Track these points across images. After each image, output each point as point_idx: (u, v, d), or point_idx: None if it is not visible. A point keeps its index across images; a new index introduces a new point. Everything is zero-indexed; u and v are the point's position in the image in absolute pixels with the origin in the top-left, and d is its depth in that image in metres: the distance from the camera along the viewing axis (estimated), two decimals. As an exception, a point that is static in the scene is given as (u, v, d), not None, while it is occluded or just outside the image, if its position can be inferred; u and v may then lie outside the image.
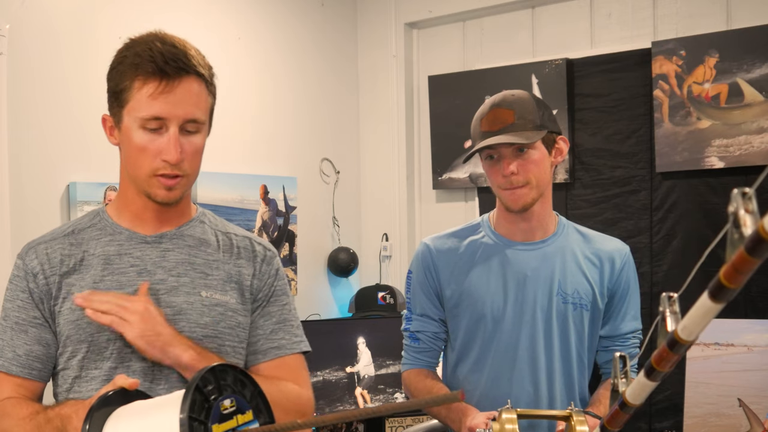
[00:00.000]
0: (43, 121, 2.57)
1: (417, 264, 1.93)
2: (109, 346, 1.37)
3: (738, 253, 0.63)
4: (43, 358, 1.40)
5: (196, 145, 1.37)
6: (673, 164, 2.94)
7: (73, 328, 1.38)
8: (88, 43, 2.70)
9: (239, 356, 1.46)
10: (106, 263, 1.41)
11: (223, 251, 1.48)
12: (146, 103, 1.32)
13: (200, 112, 1.36)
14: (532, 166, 1.76)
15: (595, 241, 1.89)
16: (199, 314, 1.40)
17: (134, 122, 1.34)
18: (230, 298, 1.44)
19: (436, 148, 3.58)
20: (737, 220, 0.63)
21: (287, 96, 3.48)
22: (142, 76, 1.32)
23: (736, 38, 2.80)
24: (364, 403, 3.22)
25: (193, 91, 1.34)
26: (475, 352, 1.86)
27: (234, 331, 1.44)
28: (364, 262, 3.76)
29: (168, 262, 1.43)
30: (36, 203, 2.54)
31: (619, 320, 1.87)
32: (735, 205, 0.63)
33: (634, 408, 0.94)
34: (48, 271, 1.40)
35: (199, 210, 1.53)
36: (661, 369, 0.83)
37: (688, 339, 0.77)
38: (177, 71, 1.32)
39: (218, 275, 1.45)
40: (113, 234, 1.44)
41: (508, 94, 1.81)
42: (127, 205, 1.45)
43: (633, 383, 0.92)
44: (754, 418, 2.52)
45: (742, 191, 0.63)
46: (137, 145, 1.34)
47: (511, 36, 3.45)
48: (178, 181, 1.37)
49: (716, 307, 0.71)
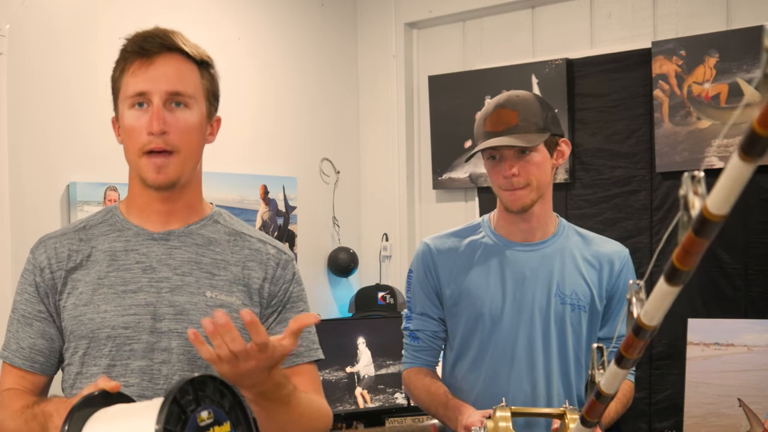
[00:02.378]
0: (43, 121, 2.57)
1: (417, 263, 1.93)
2: (107, 344, 1.36)
3: (687, 235, 0.64)
4: (46, 352, 1.41)
5: (186, 120, 1.36)
6: (673, 164, 2.94)
7: (76, 324, 1.38)
8: (89, 43, 2.70)
9: None
10: (112, 259, 1.41)
11: (232, 252, 1.45)
12: (130, 83, 1.34)
13: (184, 86, 1.35)
14: (534, 168, 1.76)
15: (595, 243, 1.90)
16: (202, 314, 1.38)
17: (124, 105, 1.36)
18: (236, 300, 1.41)
19: (436, 148, 3.58)
20: (686, 203, 0.64)
21: (287, 96, 3.49)
22: (127, 59, 1.35)
23: (736, 38, 2.80)
24: (364, 403, 3.22)
25: (175, 66, 1.35)
26: (474, 351, 1.86)
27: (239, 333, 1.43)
28: (364, 262, 3.76)
29: (174, 260, 1.41)
30: (36, 203, 2.55)
31: (617, 322, 1.88)
32: (684, 189, 0.64)
33: (609, 398, 0.95)
34: (55, 266, 1.41)
35: (214, 209, 1.51)
36: (629, 356, 0.85)
37: (650, 324, 0.78)
38: (158, 47, 1.34)
39: (225, 276, 1.43)
40: (122, 230, 1.43)
41: (513, 95, 1.81)
42: (134, 201, 1.44)
43: (606, 373, 0.93)
44: (754, 418, 2.52)
45: (692, 174, 0.64)
46: (127, 126, 1.36)
47: (511, 36, 3.45)
48: (166, 158, 1.34)
49: (673, 290, 0.72)
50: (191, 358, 1.37)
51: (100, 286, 1.39)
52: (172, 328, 1.37)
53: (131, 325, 1.37)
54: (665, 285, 0.72)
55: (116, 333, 1.36)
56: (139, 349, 1.36)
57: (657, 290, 0.74)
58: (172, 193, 1.40)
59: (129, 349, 1.36)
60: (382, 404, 3.23)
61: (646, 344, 0.82)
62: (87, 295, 1.38)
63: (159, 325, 1.37)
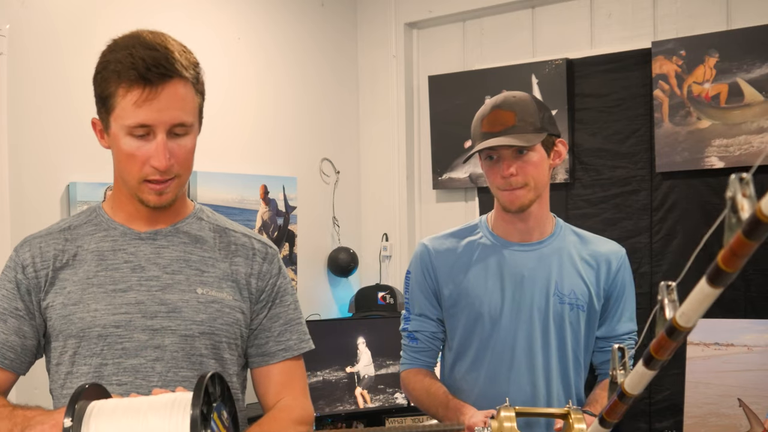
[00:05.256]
0: (43, 121, 2.57)
1: (415, 264, 1.94)
2: (99, 343, 1.37)
3: (736, 236, 0.65)
4: (17, 349, 1.40)
5: (186, 147, 1.36)
6: (673, 164, 2.94)
7: (65, 323, 1.38)
8: (88, 42, 2.69)
9: (235, 352, 1.46)
10: (100, 259, 1.41)
11: (219, 249, 1.47)
12: (131, 111, 1.30)
13: (187, 115, 1.34)
14: (531, 168, 1.77)
15: (592, 242, 1.90)
16: (194, 311, 1.39)
17: (121, 129, 1.33)
18: (227, 295, 1.43)
19: (436, 148, 3.58)
20: (735, 204, 0.65)
21: (287, 96, 3.49)
22: (125, 83, 1.29)
23: (736, 38, 2.80)
24: (364, 403, 3.22)
25: (179, 95, 1.32)
26: (473, 351, 1.86)
27: (231, 328, 1.43)
28: (364, 262, 3.76)
29: (162, 258, 1.42)
30: (36, 203, 2.55)
31: (615, 321, 1.88)
32: (732, 190, 0.65)
33: (632, 398, 0.95)
34: (39, 265, 1.41)
35: (196, 206, 1.52)
36: (659, 357, 0.84)
37: (686, 325, 0.78)
38: (160, 77, 1.29)
39: (214, 273, 1.44)
40: (108, 230, 1.44)
41: (509, 96, 1.82)
42: (121, 206, 1.45)
43: (632, 373, 0.93)
44: (754, 418, 2.52)
45: (740, 176, 0.65)
46: (125, 152, 1.34)
47: (511, 36, 3.45)
48: (168, 184, 1.36)
49: (714, 292, 0.72)
50: (185, 355, 1.38)
51: (89, 286, 1.39)
52: (165, 325, 1.38)
53: (122, 323, 1.37)
54: (707, 286, 0.72)
55: (107, 332, 1.36)
56: (131, 348, 1.36)
57: (697, 291, 0.74)
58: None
59: (121, 348, 1.36)
60: (382, 404, 3.24)
61: (678, 346, 0.82)
62: (76, 294, 1.38)
63: (151, 323, 1.37)
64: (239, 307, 1.45)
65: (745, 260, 0.67)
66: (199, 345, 1.39)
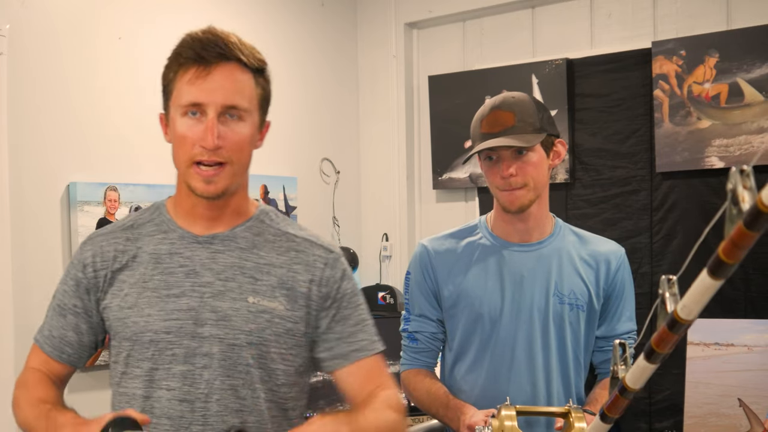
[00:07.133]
0: (43, 121, 2.57)
1: (415, 265, 1.94)
2: (150, 348, 1.36)
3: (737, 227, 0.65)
4: (75, 345, 1.44)
5: (240, 133, 1.34)
6: (673, 164, 2.94)
7: (120, 326, 1.39)
8: (88, 43, 2.70)
9: (287, 363, 1.42)
10: (156, 262, 1.40)
11: (278, 254, 1.43)
12: (185, 90, 1.31)
13: (241, 99, 1.33)
14: (531, 169, 1.77)
15: (591, 242, 1.90)
16: (244, 321, 1.37)
17: (177, 111, 1.33)
18: (278, 305, 1.39)
19: (436, 148, 3.58)
20: (736, 196, 0.65)
21: (287, 96, 3.48)
22: (183, 65, 1.31)
23: (736, 38, 2.80)
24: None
25: (233, 77, 1.32)
26: (473, 351, 1.86)
27: (281, 339, 1.39)
28: (364, 262, 3.76)
29: (217, 264, 1.39)
30: (36, 203, 2.55)
31: (614, 321, 1.88)
32: (733, 182, 0.65)
33: (633, 393, 0.95)
34: (99, 264, 1.41)
35: (260, 208, 1.48)
36: (660, 350, 0.85)
37: (687, 318, 0.78)
38: (215, 57, 1.30)
39: (268, 280, 1.40)
40: (167, 232, 1.43)
41: (509, 96, 1.82)
42: (180, 203, 1.43)
43: (633, 367, 0.93)
44: (754, 418, 2.52)
45: (740, 168, 0.65)
46: (179, 133, 1.33)
47: (511, 36, 3.45)
48: (217, 171, 1.32)
49: (715, 283, 0.72)
50: (232, 364, 1.36)
51: (144, 289, 1.38)
52: (213, 333, 1.36)
53: (173, 329, 1.36)
54: (708, 278, 0.72)
55: (158, 337, 1.36)
56: (180, 354, 1.36)
57: (699, 283, 0.74)
58: (218, 201, 1.39)
59: (171, 354, 1.36)
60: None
61: (679, 339, 0.82)
62: (132, 297, 1.38)
63: (200, 330, 1.36)
64: (291, 317, 1.40)
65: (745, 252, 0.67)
66: (246, 355, 1.37)
